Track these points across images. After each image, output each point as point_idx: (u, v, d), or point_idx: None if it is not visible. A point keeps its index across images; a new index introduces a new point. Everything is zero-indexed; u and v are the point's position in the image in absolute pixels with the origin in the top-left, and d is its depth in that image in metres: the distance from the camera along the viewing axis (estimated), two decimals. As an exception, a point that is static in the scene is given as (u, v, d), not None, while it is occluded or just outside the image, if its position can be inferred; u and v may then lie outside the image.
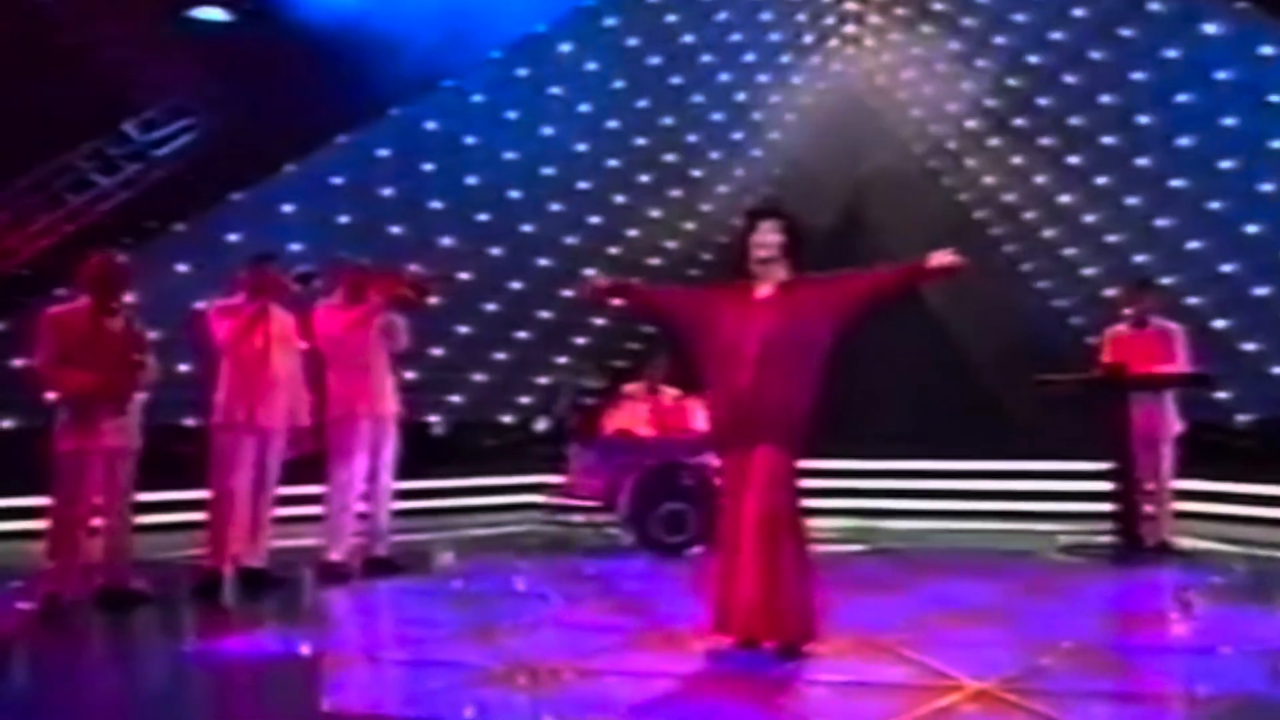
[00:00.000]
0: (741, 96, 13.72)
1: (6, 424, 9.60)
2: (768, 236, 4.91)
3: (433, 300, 7.11)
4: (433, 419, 11.81)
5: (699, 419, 7.94)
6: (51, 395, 6.04)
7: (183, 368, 8.66)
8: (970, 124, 13.52)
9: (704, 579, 5.07)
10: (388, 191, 11.76)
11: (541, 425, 11.66)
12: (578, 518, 8.28)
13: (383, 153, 11.77)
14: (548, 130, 12.52)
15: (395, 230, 11.65)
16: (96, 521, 5.81)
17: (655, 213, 13.15)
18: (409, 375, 11.50)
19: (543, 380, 12.24)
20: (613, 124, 12.94)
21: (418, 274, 7.07)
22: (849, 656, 4.75)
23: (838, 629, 4.93)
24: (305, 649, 5.05)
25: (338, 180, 11.47)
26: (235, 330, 6.25)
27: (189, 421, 8.56)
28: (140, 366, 5.78)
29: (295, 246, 9.82)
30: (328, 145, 11.44)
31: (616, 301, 5.37)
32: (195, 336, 6.85)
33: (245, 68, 11.25)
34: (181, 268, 10.57)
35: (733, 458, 4.87)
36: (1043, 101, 12.88)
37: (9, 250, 10.48)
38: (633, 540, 7.68)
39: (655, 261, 12.97)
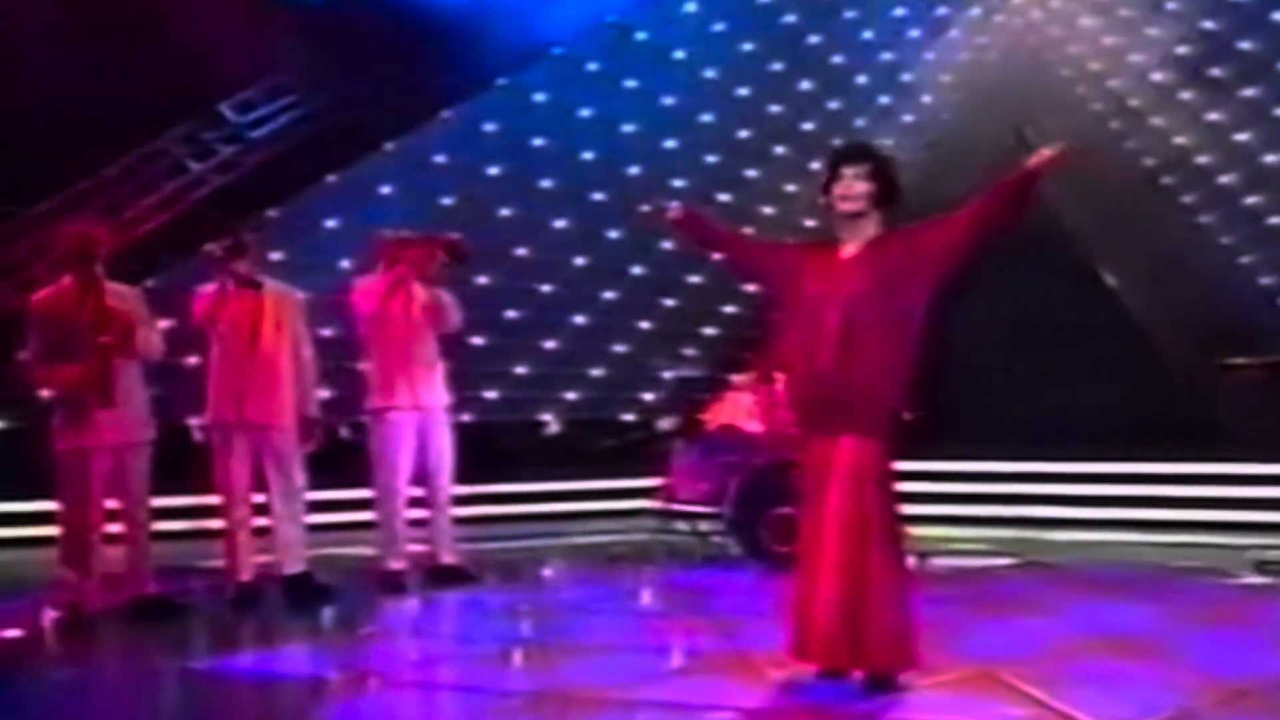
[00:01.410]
0: (889, 56, 13.04)
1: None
2: (854, 185, 4.33)
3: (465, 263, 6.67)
4: (545, 417, 11.46)
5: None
6: (45, 392, 5.79)
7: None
8: (1158, 76, 12.49)
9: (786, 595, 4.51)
10: (494, 170, 11.51)
11: (666, 424, 11.19)
12: (681, 524, 7.76)
13: (489, 127, 11.53)
14: (669, 99, 12.06)
15: (503, 212, 11.40)
16: (115, 528, 5.56)
17: (791, 188, 12.51)
18: (520, 370, 11.40)
19: (667, 374, 11.78)
20: (743, 91, 12.42)
21: (452, 236, 6.67)
22: (955, 691, 4.21)
23: (954, 656, 4.55)
24: (322, 667, 4.78)
25: (440, 158, 11.28)
26: (206, 311, 5.93)
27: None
28: (111, 350, 5.42)
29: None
30: (429, 121, 11.25)
31: (686, 234, 4.75)
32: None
33: (343, 41, 11.18)
34: (273, 255, 10.48)
35: (813, 450, 4.30)
36: (1245, 45, 11.77)
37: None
38: (740, 549, 7.13)
39: (793, 242, 12.35)
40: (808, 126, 12.78)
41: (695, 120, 12.17)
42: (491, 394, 11.16)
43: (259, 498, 6.04)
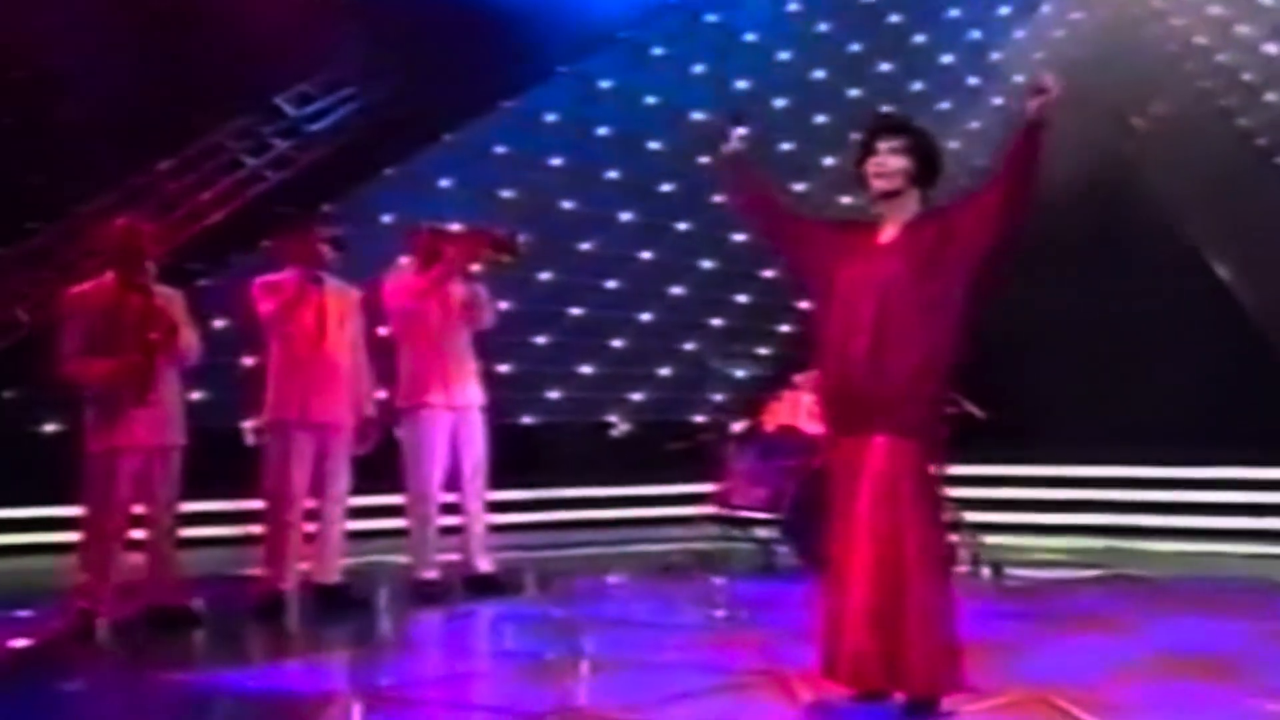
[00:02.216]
0: (977, 34, 12.67)
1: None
2: (888, 161, 4.11)
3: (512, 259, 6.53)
4: (611, 419, 11.34)
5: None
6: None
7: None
8: (1271, 48, 11.97)
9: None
10: (557, 161, 11.45)
11: (739, 426, 11.00)
12: (737, 532, 7.57)
13: (551, 117, 11.45)
14: (741, 84, 11.85)
15: (566, 204, 11.35)
16: (139, 533, 5.55)
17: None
18: (584, 370, 11.30)
19: (740, 374, 11.57)
20: (819, 74, 12.17)
21: (501, 231, 6.54)
22: (1003, 716, 3.96)
23: (1009, 677, 4.37)
24: (332, 683, 4.71)
25: (501, 149, 11.21)
26: (281, 309, 5.90)
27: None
28: (157, 348, 5.43)
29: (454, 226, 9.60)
30: (489, 111, 11.19)
31: (733, 177, 4.49)
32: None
33: (400, 31, 11.19)
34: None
35: (843, 450, 4.10)
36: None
37: (155, 237, 10.64)
38: (798, 558, 6.93)
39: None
40: (887, 109, 12.47)
41: (768, 106, 11.94)
42: (554, 395, 11.09)
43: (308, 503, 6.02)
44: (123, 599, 5.49)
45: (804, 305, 11.91)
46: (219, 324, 8.17)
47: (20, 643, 5.35)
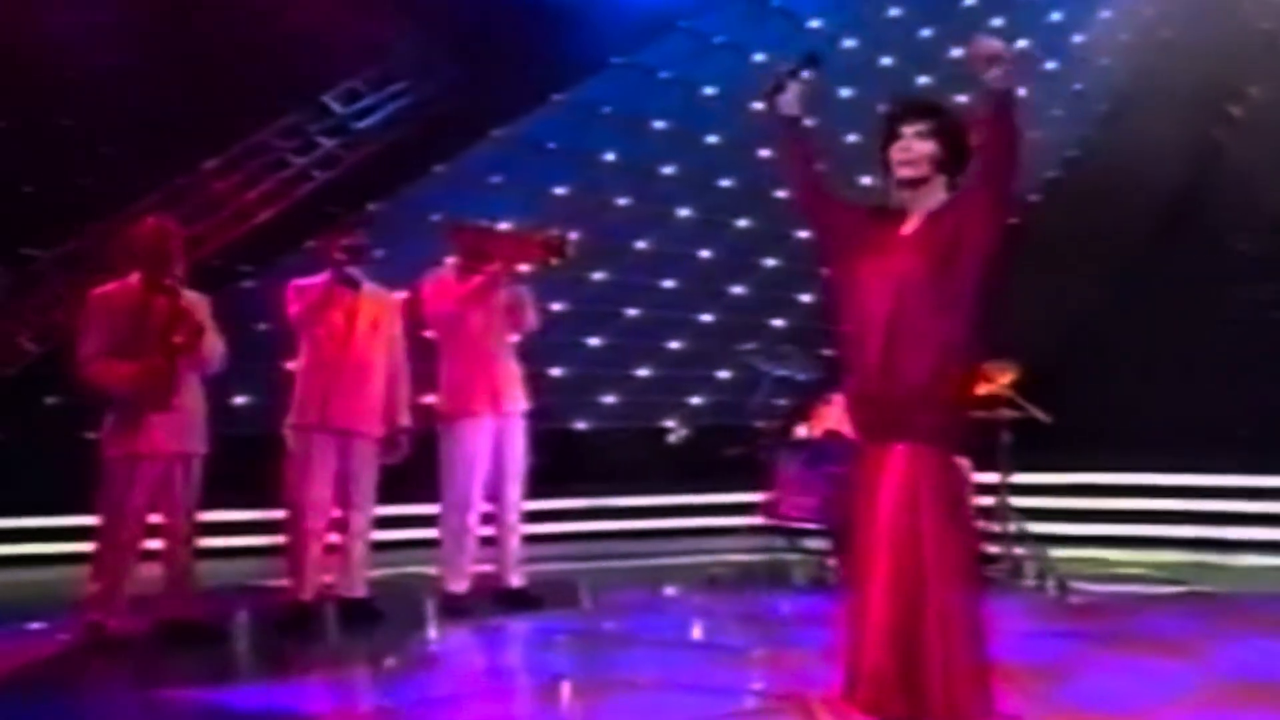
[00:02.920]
0: (1056, 16, 12.32)
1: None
2: (913, 146, 3.91)
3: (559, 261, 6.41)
4: (668, 424, 11.20)
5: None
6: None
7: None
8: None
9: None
10: (611, 155, 11.36)
11: (804, 431, 10.82)
12: (783, 542, 7.39)
13: (606, 110, 11.32)
14: (804, 74, 11.63)
15: (621, 201, 11.25)
16: (155, 543, 5.52)
17: (944, 168, 11.97)
18: (641, 373, 11.18)
19: (802, 377, 11.38)
20: (886, 60, 11.91)
21: (549, 233, 6.43)
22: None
23: (1053, 705, 4.24)
24: (336, 701, 4.71)
25: (553, 144, 11.12)
26: (307, 311, 5.86)
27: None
28: (181, 351, 5.41)
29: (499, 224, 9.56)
30: (540, 104, 11.11)
31: (786, 135, 4.28)
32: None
33: (449, 24, 11.18)
34: (376, 252, 10.51)
35: (865, 460, 3.92)
36: None
37: (197, 238, 10.76)
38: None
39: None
40: (962, 99, 12.18)
41: (833, 95, 11.71)
42: (609, 399, 10.99)
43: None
44: (136, 611, 5.47)
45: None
46: (263, 327, 8.19)
47: (30, 654, 5.36)
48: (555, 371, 10.74)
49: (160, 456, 5.43)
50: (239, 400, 9.45)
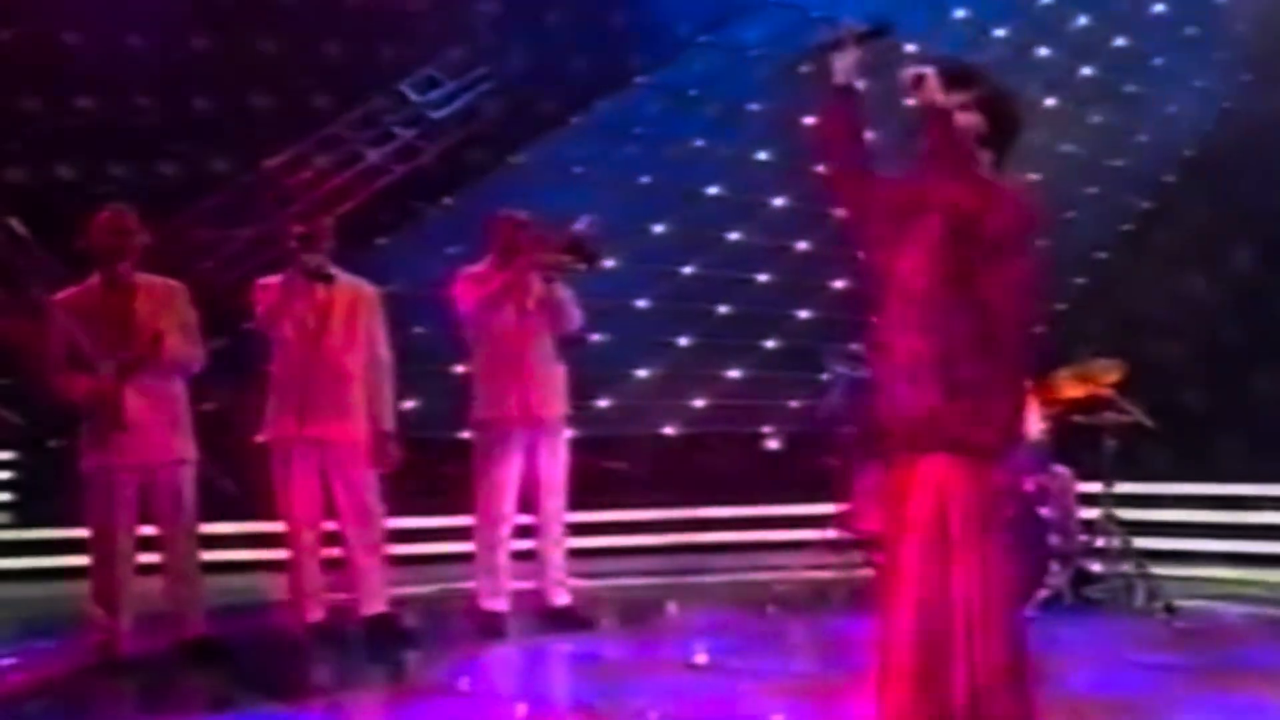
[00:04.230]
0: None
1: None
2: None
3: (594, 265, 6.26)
4: (765, 429, 10.96)
5: (1031, 416, 6.53)
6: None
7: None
8: None
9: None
10: (701, 142, 11.15)
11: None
12: (860, 558, 7.11)
13: (694, 93, 11.13)
14: (910, 47, 11.29)
15: (712, 190, 11.07)
16: (157, 558, 5.49)
17: (1067, 148, 11.50)
18: (734, 374, 10.95)
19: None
20: (1000, 32, 11.52)
21: (580, 233, 6.26)
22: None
23: None
24: None
25: (638, 130, 10.97)
26: (267, 313, 5.75)
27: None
28: (131, 368, 5.28)
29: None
30: (624, 88, 10.98)
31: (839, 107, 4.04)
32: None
33: (527, 5, 11.15)
34: (451, 249, 10.48)
35: (893, 474, 3.69)
36: None
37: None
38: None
39: (1070, 215, 11.34)
40: (1086, 72, 11.75)
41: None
42: (699, 403, 10.79)
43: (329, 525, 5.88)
44: (144, 630, 5.45)
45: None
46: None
47: (34, 675, 5.39)
48: (641, 373, 10.61)
49: (135, 468, 5.34)
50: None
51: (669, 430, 10.66)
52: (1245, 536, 7.89)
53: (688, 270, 10.79)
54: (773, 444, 10.96)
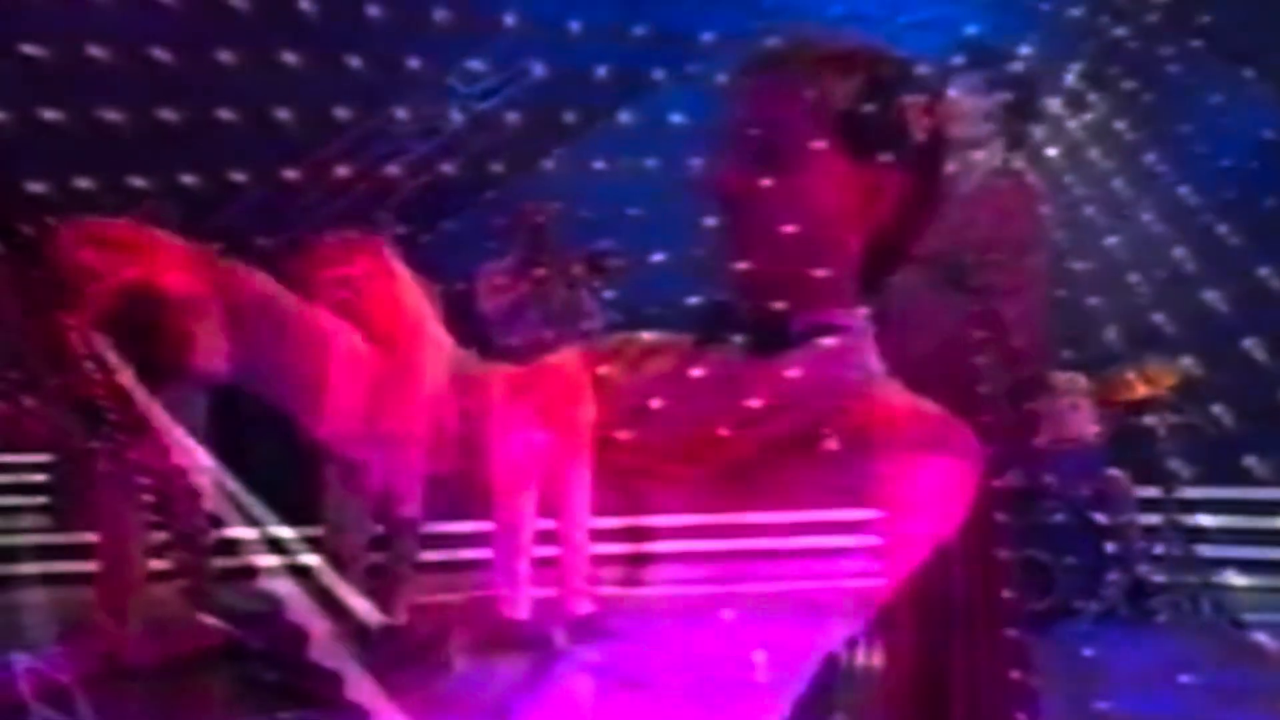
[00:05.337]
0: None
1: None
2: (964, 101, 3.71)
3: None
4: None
5: (1086, 418, 6.43)
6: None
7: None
8: None
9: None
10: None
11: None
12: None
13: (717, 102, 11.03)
14: (971, 29, 11.15)
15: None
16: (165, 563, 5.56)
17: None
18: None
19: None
20: (1074, 11, 11.26)
21: (600, 248, 6.31)
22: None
23: None
24: None
25: (677, 119, 10.86)
26: None
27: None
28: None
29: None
30: (669, 77, 10.88)
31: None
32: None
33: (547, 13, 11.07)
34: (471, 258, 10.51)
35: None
36: None
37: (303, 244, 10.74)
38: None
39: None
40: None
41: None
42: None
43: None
44: (152, 638, 5.50)
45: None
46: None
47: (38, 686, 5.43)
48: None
49: (149, 472, 5.40)
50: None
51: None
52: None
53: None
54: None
